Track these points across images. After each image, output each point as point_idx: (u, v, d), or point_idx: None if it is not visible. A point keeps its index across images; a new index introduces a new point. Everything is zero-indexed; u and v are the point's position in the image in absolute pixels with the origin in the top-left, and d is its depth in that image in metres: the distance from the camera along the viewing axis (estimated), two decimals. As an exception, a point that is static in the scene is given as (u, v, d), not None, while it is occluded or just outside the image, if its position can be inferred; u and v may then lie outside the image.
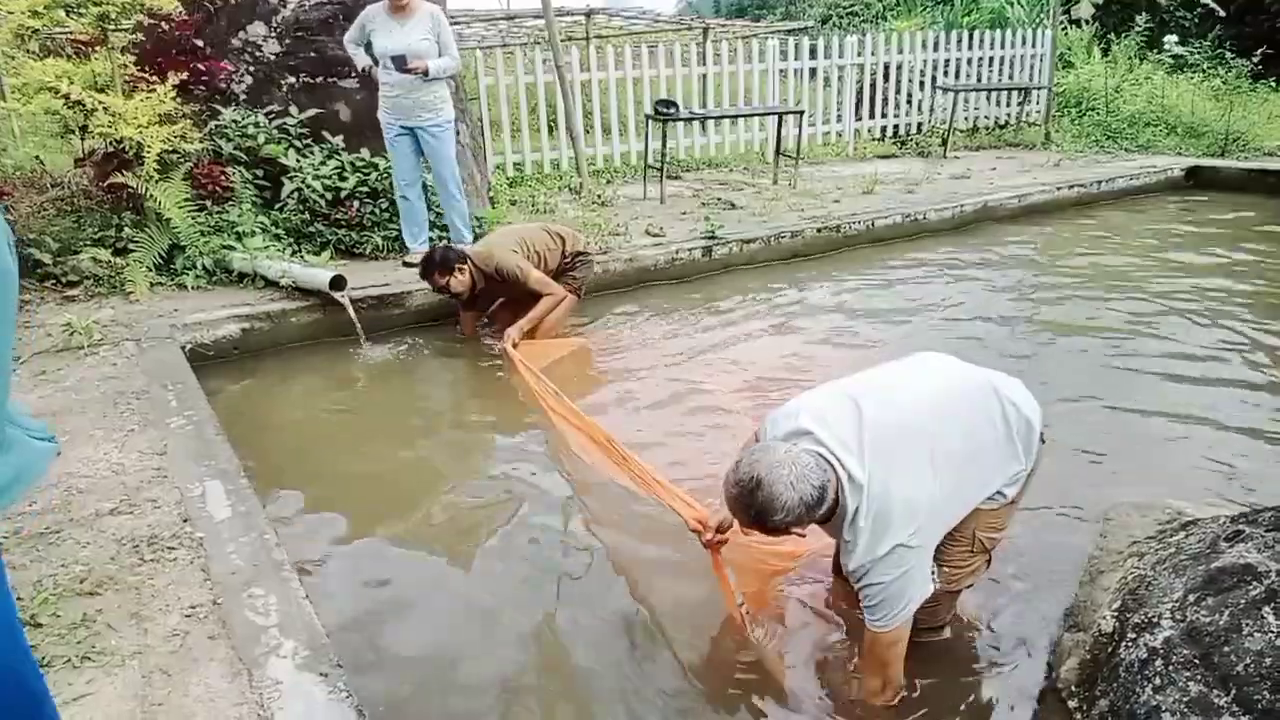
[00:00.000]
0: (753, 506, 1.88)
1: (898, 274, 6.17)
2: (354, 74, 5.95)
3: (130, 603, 2.16)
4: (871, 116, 10.64)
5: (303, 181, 5.51)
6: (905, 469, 2.00)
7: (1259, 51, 11.20)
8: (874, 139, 10.68)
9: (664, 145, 7.86)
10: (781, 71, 9.95)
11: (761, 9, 25.52)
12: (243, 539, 2.47)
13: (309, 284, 4.70)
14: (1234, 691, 1.85)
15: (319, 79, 6.08)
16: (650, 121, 7.94)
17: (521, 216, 6.67)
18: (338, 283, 4.60)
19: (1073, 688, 2.32)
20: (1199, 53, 11.59)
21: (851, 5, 18.46)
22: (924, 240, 7.04)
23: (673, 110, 7.71)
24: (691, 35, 13.02)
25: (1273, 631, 1.89)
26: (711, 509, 2.52)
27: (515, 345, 4.47)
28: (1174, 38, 12.14)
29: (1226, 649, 1.93)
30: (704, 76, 9.63)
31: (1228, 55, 11.35)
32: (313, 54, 6.06)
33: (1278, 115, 10.99)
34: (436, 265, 4.48)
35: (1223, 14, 13.20)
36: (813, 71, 10.04)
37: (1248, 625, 1.94)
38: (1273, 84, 11.88)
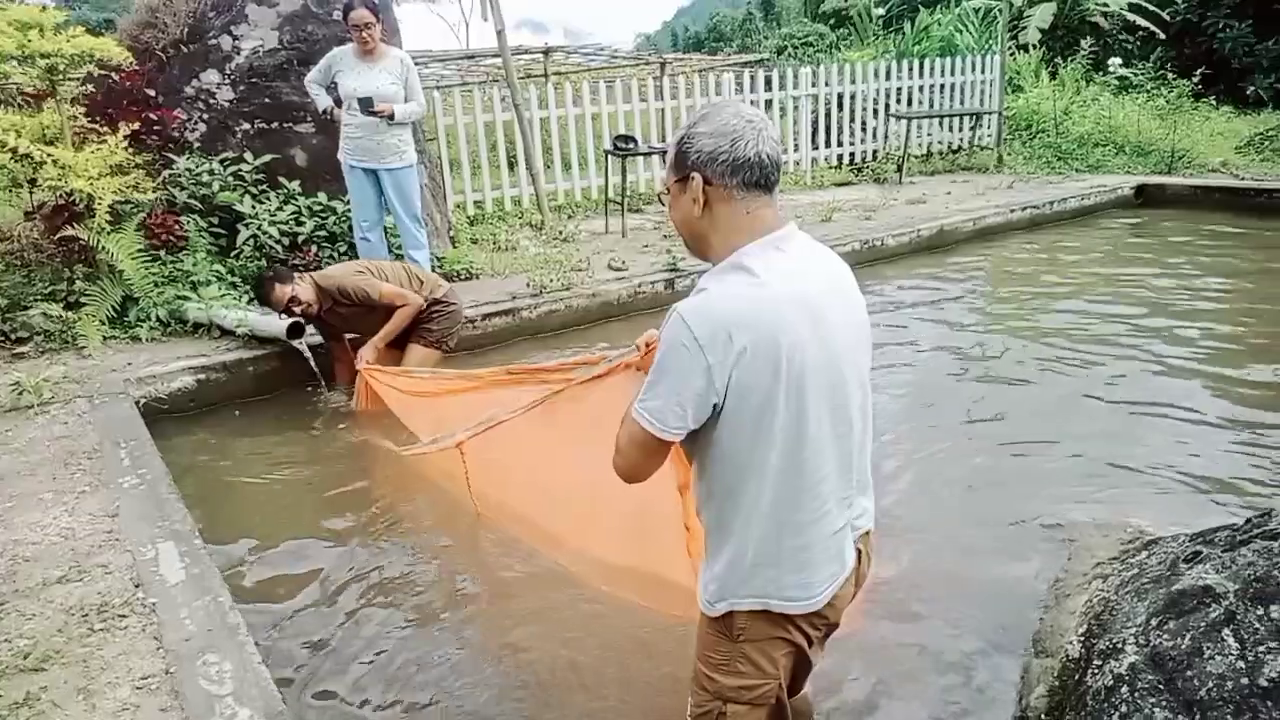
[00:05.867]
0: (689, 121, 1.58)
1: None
2: (311, 117, 5.94)
3: (78, 677, 2.09)
4: (828, 145, 10.79)
5: (258, 228, 5.46)
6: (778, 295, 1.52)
7: (1198, 72, 11.55)
8: (831, 167, 10.83)
9: (624, 180, 7.90)
10: (738, 103, 10.05)
11: (718, 42, 25.95)
12: (196, 603, 2.41)
13: (266, 332, 4.64)
14: (1198, 716, 1.85)
15: (274, 124, 6.06)
16: (609, 157, 7.99)
17: (483, 255, 6.66)
18: (295, 330, 4.54)
19: (1042, 716, 2.32)
20: (1142, 74, 11.92)
21: (806, 36, 18.80)
22: (881, 266, 7.12)
23: (632, 145, 7.76)
24: (649, 70, 13.16)
25: (1233, 654, 1.89)
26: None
27: (369, 363, 4.24)
28: (1118, 60, 12.51)
29: (1189, 673, 1.94)
30: (662, 111, 9.72)
31: (1169, 76, 11.68)
32: (267, 100, 6.04)
33: (1218, 132, 11.31)
34: (275, 279, 4.28)
35: (1163, 36, 13.64)
36: (769, 103, 10.17)
37: (1209, 648, 1.94)
38: (1213, 102, 12.25)
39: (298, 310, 4.34)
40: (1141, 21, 13.70)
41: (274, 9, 6.05)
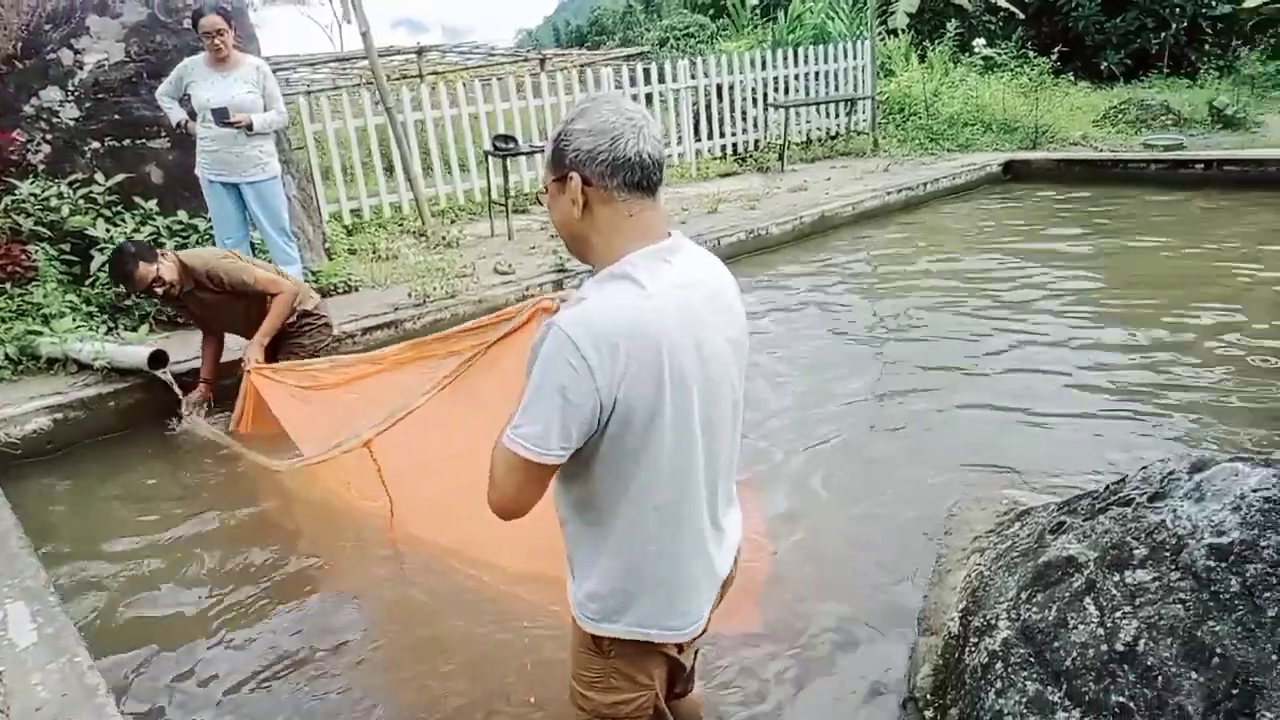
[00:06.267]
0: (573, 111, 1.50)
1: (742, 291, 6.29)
2: (165, 133, 5.63)
3: (-92, 766, 1.92)
4: (710, 137, 10.88)
5: (114, 252, 5.15)
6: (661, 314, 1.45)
7: (1056, 49, 12.11)
8: (715, 158, 10.92)
9: (506, 180, 7.78)
10: (618, 98, 10.02)
11: (600, 35, 25.90)
12: (50, 666, 2.24)
13: (126, 363, 4.38)
14: (1065, 686, 1.92)
15: (126, 142, 5.73)
16: (490, 157, 7.86)
17: (363, 266, 6.45)
18: (158, 359, 4.31)
19: (928, 696, 2.37)
20: (1005, 53, 12.40)
21: (687, 27, 18.91)
22: (767, 254, 7.22)
23: (512, 144, 7.66)
24: (528, 67, 13.02)
25: (1094, 622, 1.97)
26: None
27: (258, 363, 4.10)
28: (982, 41, 12.98)
29: (1056, 644, 2.00)
30: (542, 108, 9.61)
31: (1030, 54, 12.21)
32: (117, 116, 5.70)
33: (1077, 107, 11.90)
34: (138, 256, 4.04)
35: (1022, 16, 14.25)
36: (649, 96, 10.18)
37: (1073, 618, 2.01)
38: (1071, 78, 12.88)
39: (159, 291, 4.15)
40: (1002, 2, 14.28)
41: (118, 20, 5.71)
